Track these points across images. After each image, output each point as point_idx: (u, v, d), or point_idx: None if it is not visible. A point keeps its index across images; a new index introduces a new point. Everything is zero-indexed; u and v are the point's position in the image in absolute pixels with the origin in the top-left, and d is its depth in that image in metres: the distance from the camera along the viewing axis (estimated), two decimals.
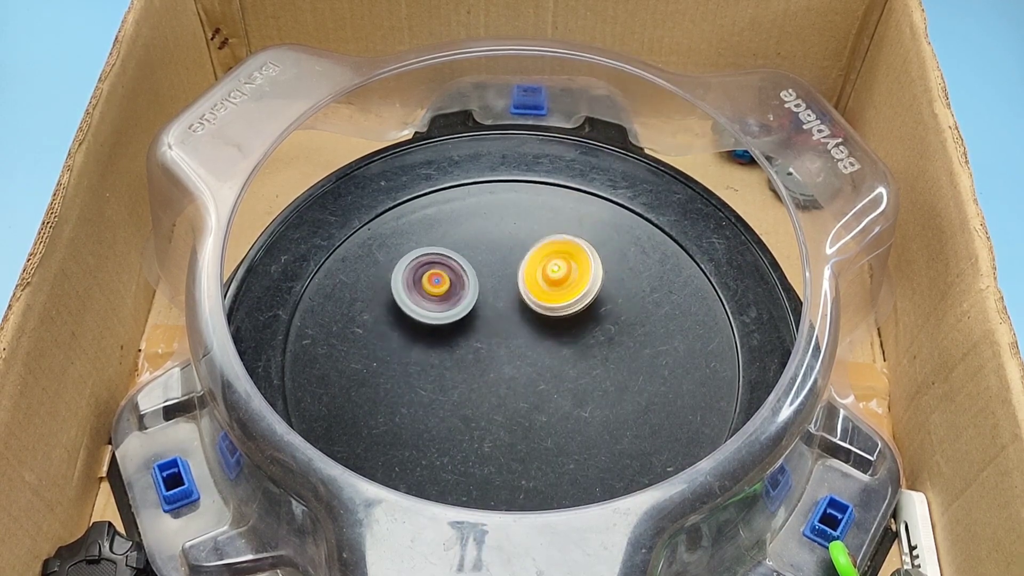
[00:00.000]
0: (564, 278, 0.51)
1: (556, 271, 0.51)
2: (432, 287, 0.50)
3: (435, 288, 0.50)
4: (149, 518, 0.49)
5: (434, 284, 0.50)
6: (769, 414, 0.44)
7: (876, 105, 0.63)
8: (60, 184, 0.48)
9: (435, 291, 0.50)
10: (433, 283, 0.50)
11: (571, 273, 0.51)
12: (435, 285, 0.50)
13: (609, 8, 0.64)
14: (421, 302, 0.50)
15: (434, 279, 0.50)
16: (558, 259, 0.51)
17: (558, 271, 0.51)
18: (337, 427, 0.48)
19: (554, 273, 0.51)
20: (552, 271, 0.51)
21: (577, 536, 0.40)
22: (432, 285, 0.50)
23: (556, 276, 0.51)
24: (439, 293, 0.50)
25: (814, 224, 0.51)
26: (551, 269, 0.51)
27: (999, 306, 0.46)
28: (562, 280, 0.51)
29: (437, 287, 0.50)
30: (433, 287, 0.50)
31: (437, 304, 0.50)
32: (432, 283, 0.50)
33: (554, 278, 0.51)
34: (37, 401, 0.46)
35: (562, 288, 0.51)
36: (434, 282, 0.50)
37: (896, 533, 0.51)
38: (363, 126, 0.65)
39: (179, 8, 0.62)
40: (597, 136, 0.61)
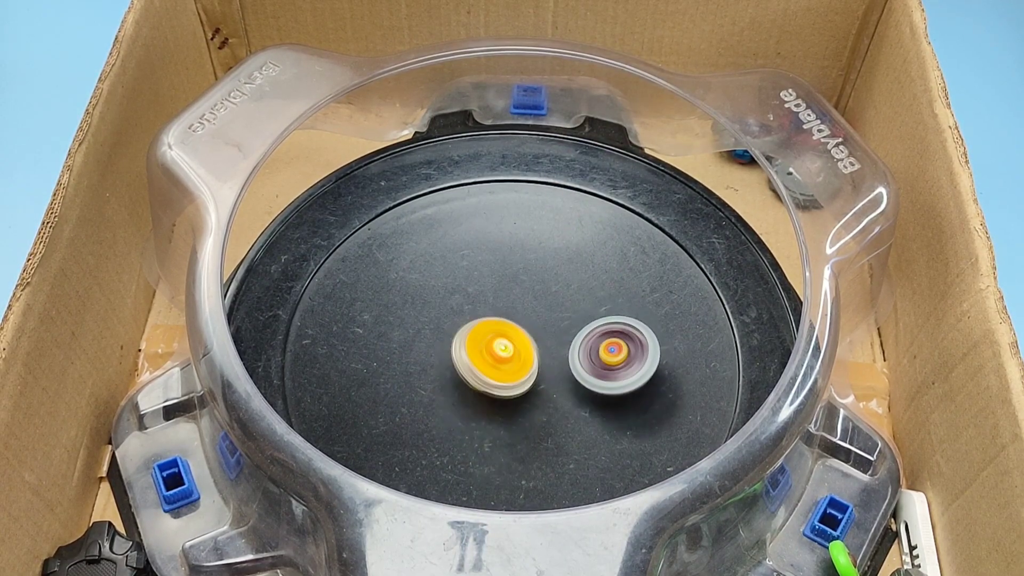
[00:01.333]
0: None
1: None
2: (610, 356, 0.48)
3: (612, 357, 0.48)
4: (149, 518, 0.49)
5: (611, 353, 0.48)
6: (769, 414, 0.44)
7: (876, 105, 0.63)
8: (60, 184, 0.48)
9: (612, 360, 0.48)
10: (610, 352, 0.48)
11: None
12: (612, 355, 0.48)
13: (609, 8, 0.64)
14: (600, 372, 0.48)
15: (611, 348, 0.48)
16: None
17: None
18: (337, 427, 0.48)
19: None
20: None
21: (577, 536, 0.40)
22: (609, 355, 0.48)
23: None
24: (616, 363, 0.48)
25: (814, 224, 0.51)
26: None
27: (999, 306, 0.46)
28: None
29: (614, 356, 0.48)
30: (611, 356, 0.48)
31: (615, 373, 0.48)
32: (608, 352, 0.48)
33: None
34: (37, 401, 0.46)
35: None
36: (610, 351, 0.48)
37: (896, 533, 0.51)
38: (363, 126, 0.65)
39: (179, 8, 0.62)
40: (597, 136, 0.61)
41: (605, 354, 0.48)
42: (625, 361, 0.48)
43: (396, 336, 0.52)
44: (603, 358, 0.48)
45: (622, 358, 0.48)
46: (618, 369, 0.48)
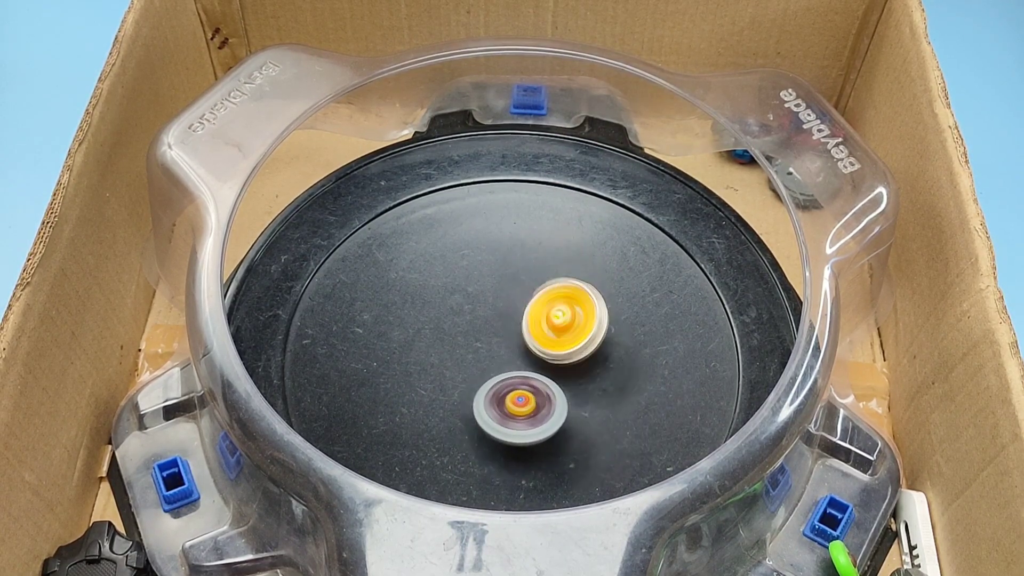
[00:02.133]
0: (569, 324, 0.49)
1: (560, 317, 0.49)
2: (517, 407, 0.47)
3: (520, 408, 0.47)
4: (149, 518, 0.49)
5: (517, 404, 0.47)
6: (769, 414, 0.44)
7: (876, 105, 0.63)
8: (60, 184, 0.48)
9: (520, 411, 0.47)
10: (516, 403, 0.47)
11: (575, 319, 0.49)
12: (519, 405, 0.47)
13: (609, 8, 0.64)
14: (506, 422, 0.47)
15: (518, 399, 0.47)
16: (562, 304, 0.50)
17: (562, 317, 0.49)
18: (337, 427, 0.48)
19: (558, 319, 0.49)
20: (556, 317, 0.49)
21: (577, 536, 0.40)
22: (516, 405, 0.47)
23: (560, 323, 0.49)
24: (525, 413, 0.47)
25: (814, 224, 0.51)
26: (555, 315, 0.49)
27: (999, 306, 0.46)
28: (567, 327, 0.49)
29: (520, 407, 0.47)
30: (518, 407, 0.47)
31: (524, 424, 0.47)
32: (516, 403, 0.47)
33: (559, 324, 0.49)
34: (37, 401, 0.46)
35: (568, 334, 0.49)
36: (518, 402, 0.47)
37: (896, 533, 0.51)
38: (363, 126, 0.65)
39: (179, 8, 0.62)
40: (597, 136, 0.61)
41: (512, 405, 0.47)
42: (532, 413, 0.47)
43: (396, 336, 0.52)
44: (509, 408, 0.47)
45: (529, 410, 0.47)
46: (524, 419, 0.47)
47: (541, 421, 0.46)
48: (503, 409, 0.47)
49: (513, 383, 0.48)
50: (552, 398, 0.47)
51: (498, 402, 0.47)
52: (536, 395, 0.47)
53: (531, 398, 0.47)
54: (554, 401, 0.47)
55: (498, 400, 0.47)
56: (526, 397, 0.47)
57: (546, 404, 0.47)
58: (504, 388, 0.48)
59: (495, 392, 0.48)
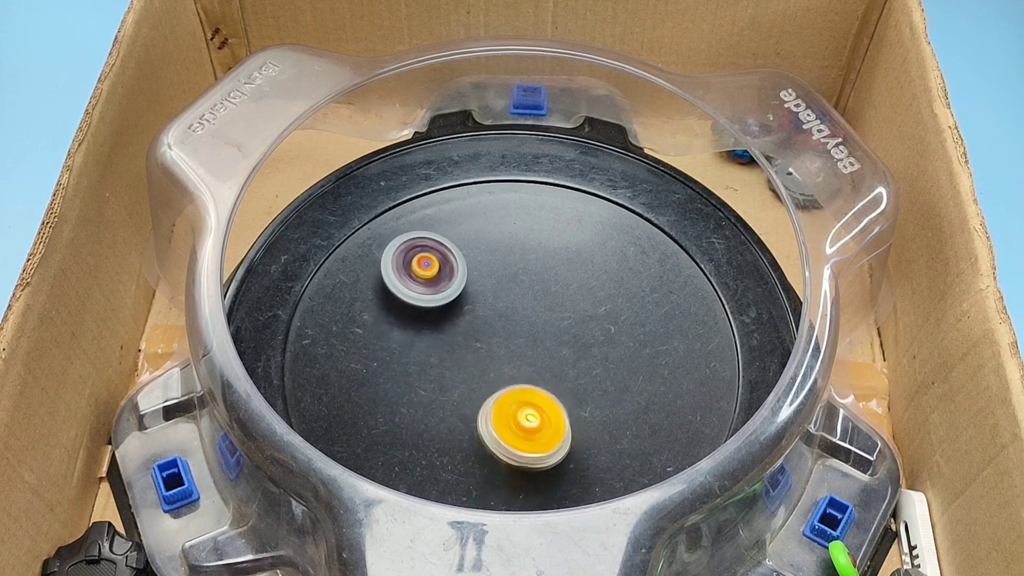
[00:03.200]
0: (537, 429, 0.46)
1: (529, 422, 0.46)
2: (422, 270, 0.50)
3: (425, 271, 0.50)
4: (149, 518, 0.49)
5: (424, 267, 0.50)
6: (769, 414, 0.44)
7: (876, 105, 0.63)
8: (60, 184, 0.48)
9: (424, 274, 0.50)
10: (423, 266, 0.50)
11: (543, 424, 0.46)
12: (424, 268, 0.50)
13: (609, 8, 0.64)
14: (412, 285, 0.50)
15: (424, 263, 0.50)
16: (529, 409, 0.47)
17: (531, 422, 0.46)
18: (337, 427, 0.48)
19: (527, 423, 0.46)
20: (526, 420, 0.46)
21: (577, 536, 0.40)
22: (422, 268, 0.50)
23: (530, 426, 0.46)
24: (428, 276, 0.50)
25: (814, 224, 0.51)
26: (524, 419, 0.46)
27: (999, 306, 0.46)
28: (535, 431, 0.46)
29: (427, 270, 0.50)
30: (423, 270, 0.50)
31: (427, 287, 0.50)
32: (422, 266, 0.50)
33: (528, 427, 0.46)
34: (37, 401, 0.46)
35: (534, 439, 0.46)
36: (423, 265, 0.50)
37: (896, 533, 0.51)
38: (363, 126, 0.65)
39: (179, 8, 0.62)
40: (597, 136, 0.61)
41: (418, 267, 0.50)
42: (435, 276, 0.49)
43: (396, 336, 0.52)
44: (415, 271, 0.50)
45: (433, 272, 0.50)
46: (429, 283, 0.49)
47: (444, 286, 0.48)
48: (408, 271, 0.49)
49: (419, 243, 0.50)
50: (455, 264, 0.49)
51: (405, 264, 0.49)
52: (441, 260, 0.49)
53: (435, 262, 0.49)
54: (456, 266, 0.49)
55: (405, 262, 0.49)
56: (431, 260, 0.49)
57: (447, 268, 0.49)
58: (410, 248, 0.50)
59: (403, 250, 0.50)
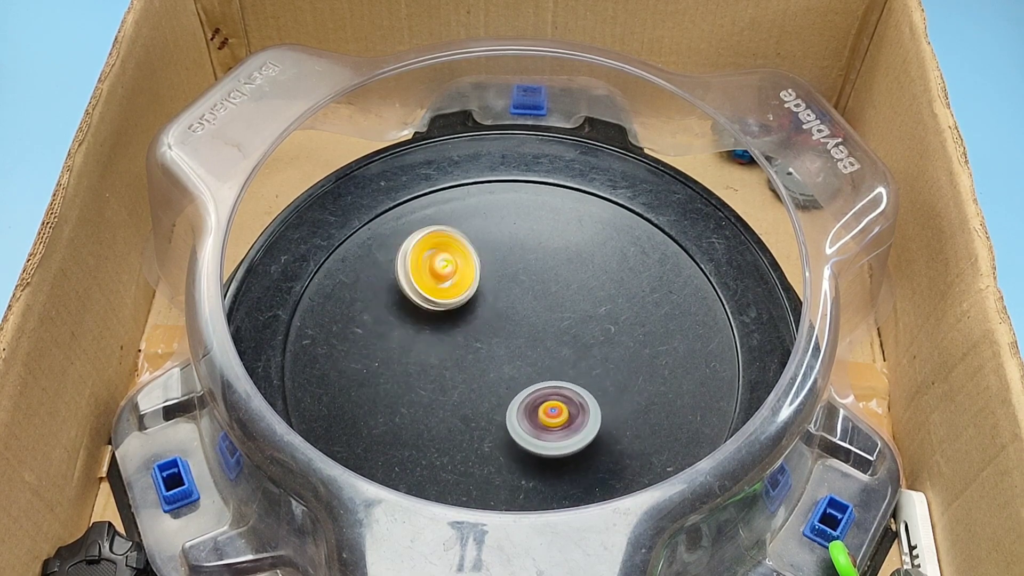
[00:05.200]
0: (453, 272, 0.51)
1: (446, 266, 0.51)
2: (548, 418, 0.47)
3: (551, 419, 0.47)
4: (149, 518, 0.49)
5: (550, 415, 0.47)
6: (769, 414, 0.44)
7: (876, 105, 0.63)
8: (60, 184, 0.48)
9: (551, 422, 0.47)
10: (549, 414, 0.47)
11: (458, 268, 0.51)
12: (551, 416, 0.47)
13: (609, 8, 0.64)
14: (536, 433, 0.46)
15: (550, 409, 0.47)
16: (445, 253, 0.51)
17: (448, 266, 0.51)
18: (337, 427, 0.48)
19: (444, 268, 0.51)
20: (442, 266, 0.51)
21: (577, 536, 0.40)
22: (548, 416, 0.47)
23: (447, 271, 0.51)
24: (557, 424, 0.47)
25: (814, 224, 0.51)
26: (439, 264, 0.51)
27: (999, 306, 0.46)
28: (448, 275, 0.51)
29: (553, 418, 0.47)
30: (549, 418, 0.47)
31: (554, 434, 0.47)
32: (548, 414, 0.47)
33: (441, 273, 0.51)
34: (37, 401, 0.46)
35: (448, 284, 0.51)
36: (550, 412, 0.47)
37: (896, 533, 0.51)
38: (363, 126, 0.65)
39: (179, 8, 0.62)
40: (597, 136, 0.61)
41: (544, 416, 0.47)
42: (565, 424, 0.47)
43: (396, 336, 0.52)
44: (542, 420, 0.47)
45: (562, 420, 0.47)
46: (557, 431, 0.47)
47: (576, 431, 0.46)
48: (536, 420, 0.47)
49: (545, 393, 0.48)
50: (586, 407, 0.47)
51: (531, 413, 0.47)
52: (569, 405, 0.47)
53: (564, 408, 0.47)
54: (587, 410, 0.47)
55: (531, 411, 0.47)
56: (559, 408, 0.47)
57: (579, 413, 0.47)
58: (537, 399, 0.47)
59: (528, 403, 0.47)
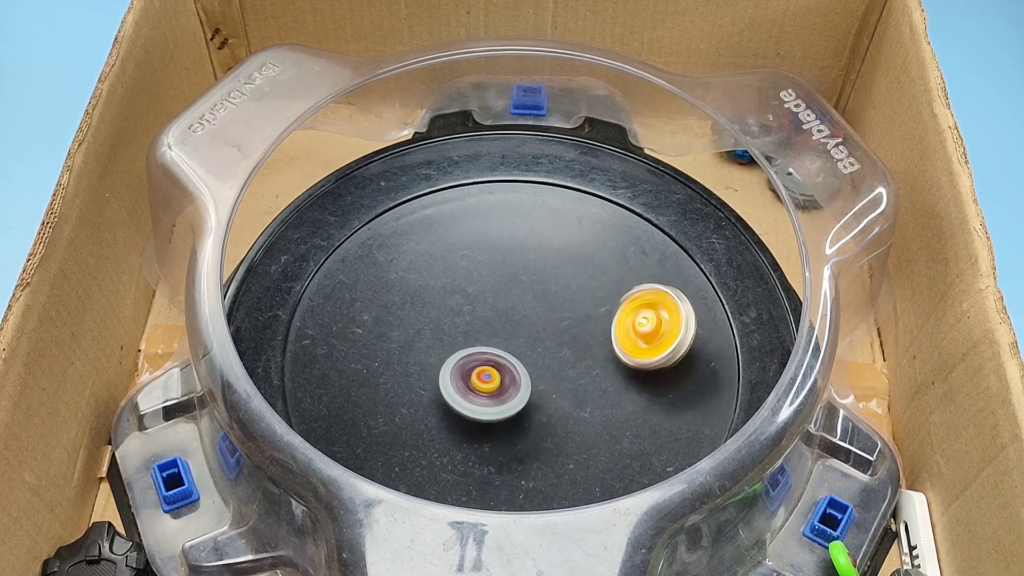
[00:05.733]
0: (654, 331, 0.49)
1: (645, 324, 0.50)
2: (480, 383, 0.48)
3: (485, 384, 0.48)
4: (149, 518, 0.49)
5: (483, 380, 0.48)
6: (769, 414, 0.44)
7: (876, 105, 0.63)
8: (60, 184, 0.48)
9: (485, 387, 0.48)
10: (483, 379, 0.48)
11: (661, 326, 0.49)
12: (485, 381, 0.48)
13: (609, 8, 0.64)
14: (472, 398, 0.48)
15: (484, 375, 0.48)
16: (647, 311, 0.50)
17: (647, 324, 0.49)
18: (337, 427, 0.48)
19: (642, 327, 0.50)
20: (640, 324, 0.50)
21: (577, 536, 0.40)
22: (482, 381, 0.48)
23: (645, 330, 0.50)
24: (490, 390, 0.48)
25: (814, 224, 0.51)
26: (639, 322, 0.50)
27: (999, 306, 0.46)
28: (652, 334, 0.49)
29: (486, 383, 0.48)
30: (482, 383, 0.48)
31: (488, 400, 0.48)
32: (481, 379, 0.48)
33: (643, 332, 0.50)
34: (37, 401, 0.46)
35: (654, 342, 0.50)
36: (484, 378, 0.48)
37: (896, 533, 0.51)
38: (363, 126, 0.65)
39: (179, 8, 0.62)
40: (597, 136, 0.61)
41: (477, 381, 0.48)
42: (496, 391, 0.48)
43: (396, 336, 0.52)
44: (474, 384, 0.48)
45: (494, 387, 0.48)
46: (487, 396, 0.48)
47: (507, 399, 0.47)
48: (468, 384, 0.48)
49: (479, 359, 0.49)
50: (517, 376, 0.48)
51: (463, 377, 0.48)
52: (501, 372, 0.48)
53: (496, 375, 0.48)
54: (519, 379, 0.48)
55: (463, 375, 0.48)
56: (491, 374, 0.48)
57: (511, 382, 0.48)
58: (470, 363, 0.48)
59: (461, 367, 0.48)
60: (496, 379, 0.48)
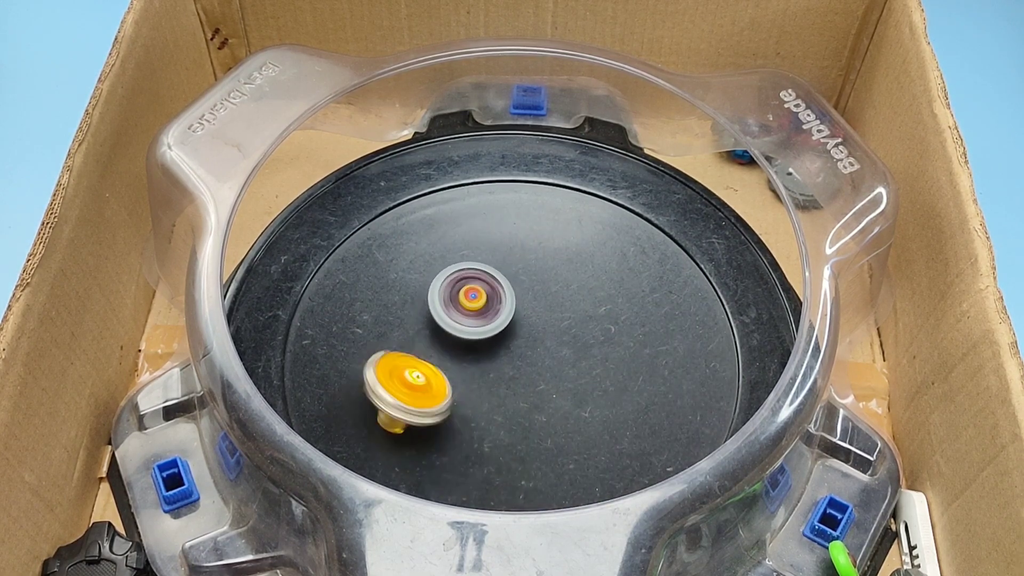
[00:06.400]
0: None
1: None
2: (468, 302, 0.50)
3: (471, 303, 0.50)
4: (149, 518, 0.49)
5: (470, 299, 0.50)
6: (769, 414, 0.44)
7: (876, 105, 0.63)
8: (60, 184, 0.48)
9: (471, 306, 0.50)
10: (470, 298, 0.50)
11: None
12: (471, 300, 0.50)
13: (609, 8, 0.64)
14: (459, 318, 0.50)
15: (471, 294, 0.50)
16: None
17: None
18: (337, 427, 0.48)
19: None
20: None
21: (577, 536, 0.40)
22: (468, 300, 0.50)
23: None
24: (476, 308, 0.50)
25: (814, 224, 0.51)
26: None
27: (999, 306, 0.46)
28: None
29: (473, 302, 0.50)
30: (470, 302, 0.50)
31: (474, 319, 0.50)
32: (468, 298, 0.50)
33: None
34: (37, 401, 0.46)
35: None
36: (471, 297, 0.50)
37: (896, 533, 0.51)
38: (363, 126, 0.65)
39: (179, 8, 0.62)
40: (597, 136, 0.61)
41: (465, 300, 0.50)
42: (483, 307, 0.50)
43: (396, 336, 0.52)
44: (463, 303, 0.50)
45: (480, 304, 0.50)
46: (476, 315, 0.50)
47: (492, 317, 0.49)
48: (456, 303, 0.49)
49: (466, 275, 0.51)
50: (503, 293, 0.50)
51: (452, 296, 0.49)
52: (488, 291, 0.50)
53: (483, 293, 0.49)
54: (504, 296, 0.50)
55: (452, 294, 0.50)
56: (478, 292, 0.49)
57: (497, 299, 0.50)
58: (457, 280, 0.51)
59: (450, 283, 0.50)
60: (482, 297, 0.50)
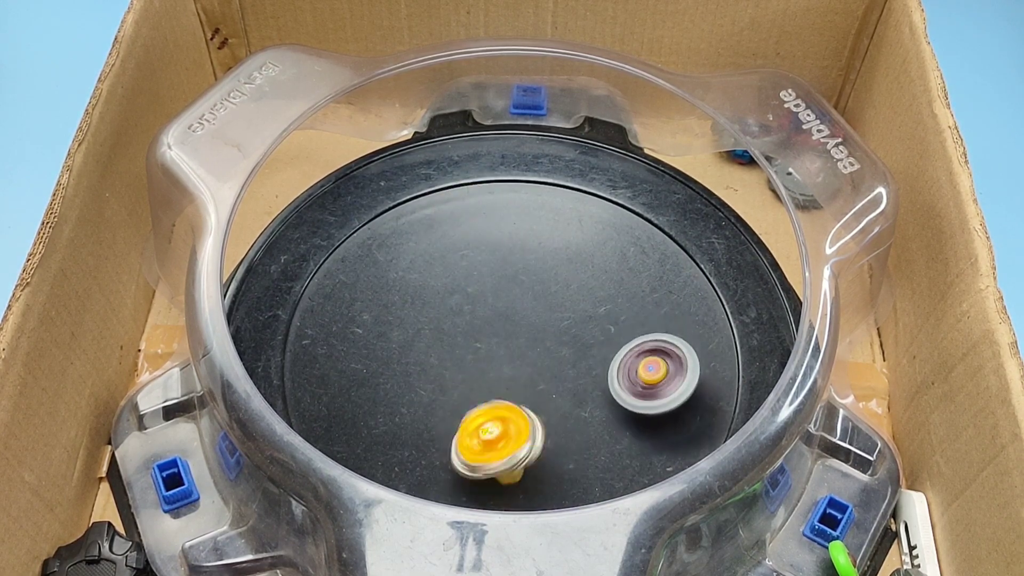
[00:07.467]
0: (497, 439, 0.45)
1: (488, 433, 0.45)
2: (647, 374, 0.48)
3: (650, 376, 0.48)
4: (149, 518, 0.49)
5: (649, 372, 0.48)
6: (769, 414, 0.44)
7: (876, 105, 0.63)
8: (60, 184, 0.48)
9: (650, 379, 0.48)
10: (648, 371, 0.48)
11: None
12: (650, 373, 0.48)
13: (609, 8, 0.64)
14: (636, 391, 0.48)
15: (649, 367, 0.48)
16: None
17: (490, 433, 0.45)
18: (337, 427, 0.48)
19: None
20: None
21: (577, 536, 0.40)
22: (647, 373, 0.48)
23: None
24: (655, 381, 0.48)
25: (814, 224, 0.51)
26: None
27: (999, 306, 0.46)
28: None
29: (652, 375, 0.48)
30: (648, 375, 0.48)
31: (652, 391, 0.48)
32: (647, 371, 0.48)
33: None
34: (37, 401, 0.46)
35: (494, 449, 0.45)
36: (649, 369, 0.48)
37: (896, 533, 0.51)
38: (363, 126, 0.65)
39: (179, 8, 0.62)
40: (597, 136, 0.61)
41: (644, 372, 0.48)
42: (664, 379, 0.48)
43: (396, 336, 0.52)
44: (642, 376, 0.48)
45: (661, 376, 0.48)
46: (657, 387, 0.48)
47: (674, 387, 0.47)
48: (635, 378, 0.47)
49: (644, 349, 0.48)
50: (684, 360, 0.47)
51: (629, 372, 0.47)
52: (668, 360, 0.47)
53: (663, 364, 0.47)
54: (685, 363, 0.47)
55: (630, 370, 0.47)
56: (657, 364, 0.47)
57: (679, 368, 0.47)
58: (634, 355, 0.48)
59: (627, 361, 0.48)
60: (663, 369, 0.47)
